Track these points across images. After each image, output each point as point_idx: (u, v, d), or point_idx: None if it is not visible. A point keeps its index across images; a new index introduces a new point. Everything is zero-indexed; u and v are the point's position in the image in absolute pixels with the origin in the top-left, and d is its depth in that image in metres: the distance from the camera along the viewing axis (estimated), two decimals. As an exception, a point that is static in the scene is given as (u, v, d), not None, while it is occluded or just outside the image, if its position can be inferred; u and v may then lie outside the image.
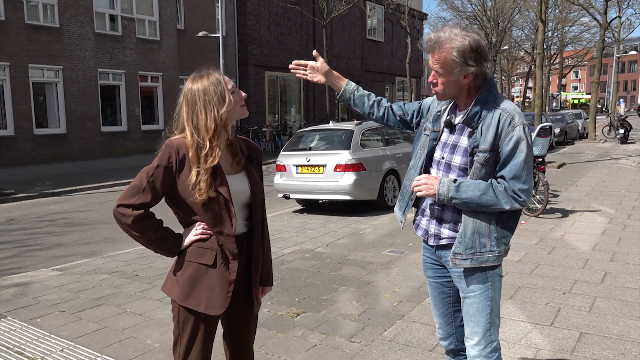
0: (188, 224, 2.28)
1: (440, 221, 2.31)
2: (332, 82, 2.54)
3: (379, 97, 2.61)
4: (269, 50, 25.92)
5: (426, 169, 2.38)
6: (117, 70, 19.46)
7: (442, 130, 2.34)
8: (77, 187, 12.59)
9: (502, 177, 2.15)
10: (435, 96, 2.37)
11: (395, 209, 2.53)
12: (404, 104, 2.58)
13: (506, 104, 2.18)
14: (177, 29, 21.63)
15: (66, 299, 4.85)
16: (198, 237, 2.24)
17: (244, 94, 2.30)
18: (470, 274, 2.26)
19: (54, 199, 11.47)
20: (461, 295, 2.33)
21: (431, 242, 2.37)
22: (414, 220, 2.49)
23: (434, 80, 2.22)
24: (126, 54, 19.68)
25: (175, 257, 2.30)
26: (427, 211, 2.37)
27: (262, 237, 2.39)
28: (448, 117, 2.33)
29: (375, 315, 4.31)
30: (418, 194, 2.25)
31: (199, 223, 2.24)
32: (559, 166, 14.71)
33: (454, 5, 40.06)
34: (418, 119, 2.53)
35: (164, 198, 2.26)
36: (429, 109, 2.47)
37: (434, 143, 2.34)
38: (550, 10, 34.70)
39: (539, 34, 15.72)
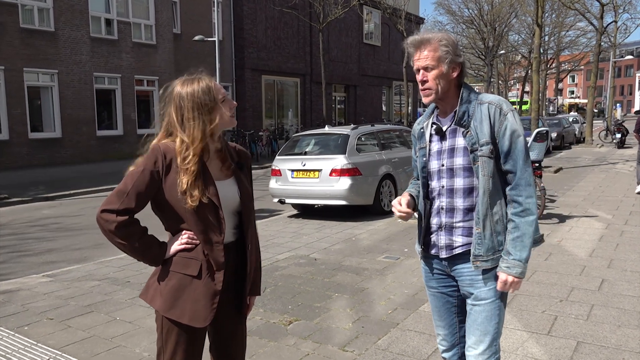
0: (175, 232, 2.21)
1: (450, 229, 2.26)
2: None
3: (413, 190, 2.50)
4: (266, 54, 25.87)
5: (426, 186, 2.34)
6: (113, 74, 19.37)
7: (431, 141, 2.32)
8: (72, 192, 12.50)
9: (509, 171, 2.17)
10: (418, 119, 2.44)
11: (416, 246, 2.45)
12: (413, 167, 2.53)
13: (489, 97, 2.24)
14: (173, 33, 21.56)
15: (55, 306, 4.76)
16: (183, 246, 2.17)
17: (234, 103, 2.23)
18: (483, 281, 2.22)
19: (47, 204, 11.36)
20: (470, 302, 2.27)
21: (443, 254, 2.28)
22: (423, 241, 2.39)
23: (425, 78, 2.21)
24: (122, 58, 19.60)
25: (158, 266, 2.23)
26: (434, 224, 2.31)
27: (253, 246, 2.32)
28: (434, 126, 2.31)
29: (369, 324, 4.23)
30: (513, 291, 2.21)
31: (184, 232, 2.18)
32: (556, 171, 14.68)
33: (450, 9, 40.19)
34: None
35: (150, 205, 2.20)
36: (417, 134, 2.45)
37: (424, 159, 2.32)
38: (546, 14, 34.80)
39: (536, 38, 15.72)
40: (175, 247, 2.17)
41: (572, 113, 36.39)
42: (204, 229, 2.12)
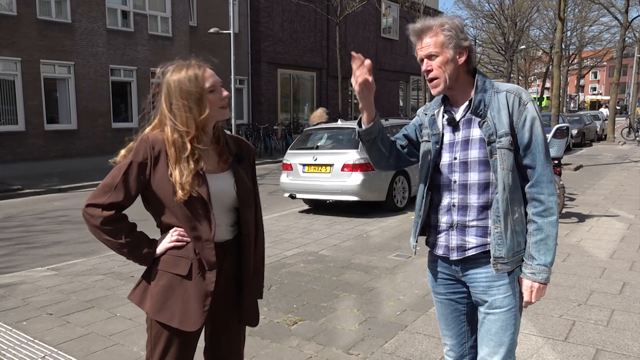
0: (165, 229, 2.08)
1: (463, 228, 2.05)
2: (369, 103, 2.06)
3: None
4: (282, 48, 25.70)
5: (432, 179, 2.12)
6: (129, 66, 19.37)
7: (443, 132, 2.11)
8: (85, 184, 12.48)
9: (528, 166, 1.99)
10: (425, 105, 2.27)
11: (411, 239, 2.27)
12: (404, 129, 2.35)
13: (506, 85, 2.06)
14: (189, 26, 21.50)
15: (56, 301, 4.67)
16: (173, 244, 2.04)
17: (225, 93, 2.05)
18: (499, 288, 2.03)
19: (60, 195, 11.36)
20: (483, 311, 2.08)
21: (454, 256, 2.08)
22: (427, 241, 2.22)
23: (429, 67, 2.02)
24: (138, 50, 19.58)
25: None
26: (444, 222, 2.11)
27: (254, 245, 2.16)
28: (447, 115, 2.11)
29: (376, 325, 4.06)
30: (533, 300, 2.04)
31: (175, 229, 2.05)
32: (576, 168, 14.31)
33: (470, 3, 39.62)
34: (421, 130, 2.26)
35: (142, 201, 2.07)
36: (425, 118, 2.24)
37: (438, 146, 2.11)
38: (569, 9, 34.10)
39: (557, 32, 15.33)
40: (165, 244, 2.04)
41: (601, 109, 35.39)
42: (194, 226, 1.99)
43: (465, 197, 2.04)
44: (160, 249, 2.04)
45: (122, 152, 2.08)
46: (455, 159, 2.06)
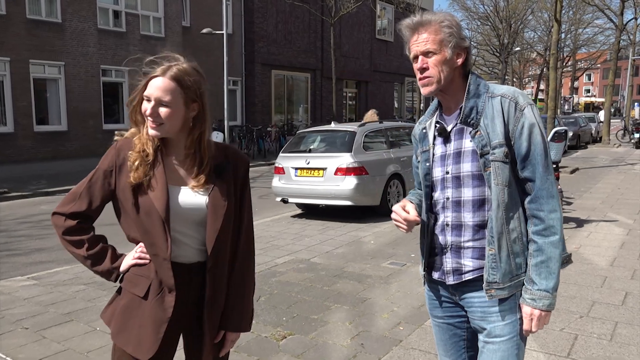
0: (134, 244, 1.93)
1: (458, 250, 1.86)
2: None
3: (413, 198, 2.09)
4: (276, 49, 25.49)
5: (430, 197, 1.94)
6: (120, 67, 19.11)
7: (434, 144, 1.91)
8: (73, 187, 12.19)
9: (527, 179, 1.78)
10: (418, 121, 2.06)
11: (420, 269, 2.06)
12: (415, 176, 2.13)
13: (502, 89, 1.85)
14: (182, 26, 21.26)
15: (33, 314, 4.44)
16: (135, 261, 1.87)
17: (149, 112, 1.77)
18: (499, 314, 1.82)
19: (47, 199, 11.09)
20: (482, 339, 1.88)
21: (450, 280, 1.89)
22: (424, 267, 2.02)
23: (424, 65, 1.81)
24: (130, 50, 19.29)
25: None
26: (437, 243, 1.91)
27: (228, 269, 1.92)
28: (437, 126, 1.91)
29: (369, 340, 3.86)
30: (534, 329, 1.83)
31: (140, 244, 1.87)
32: (572, 171, 14.18)
33: (465, 5, 39.57)
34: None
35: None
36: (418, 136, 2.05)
37: (427, 164, 1.92)
38: (564, 11, 34.07)
39: (553, 34, 15.20)
40: (128, 260, 1.88)
41: (602, 112, 35.29)
42: (152, 242, 1.81)
43: (459, 215, 1.85)
44: (124, 265, 1.89)
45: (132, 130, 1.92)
46: (447, 173, 1.87)
